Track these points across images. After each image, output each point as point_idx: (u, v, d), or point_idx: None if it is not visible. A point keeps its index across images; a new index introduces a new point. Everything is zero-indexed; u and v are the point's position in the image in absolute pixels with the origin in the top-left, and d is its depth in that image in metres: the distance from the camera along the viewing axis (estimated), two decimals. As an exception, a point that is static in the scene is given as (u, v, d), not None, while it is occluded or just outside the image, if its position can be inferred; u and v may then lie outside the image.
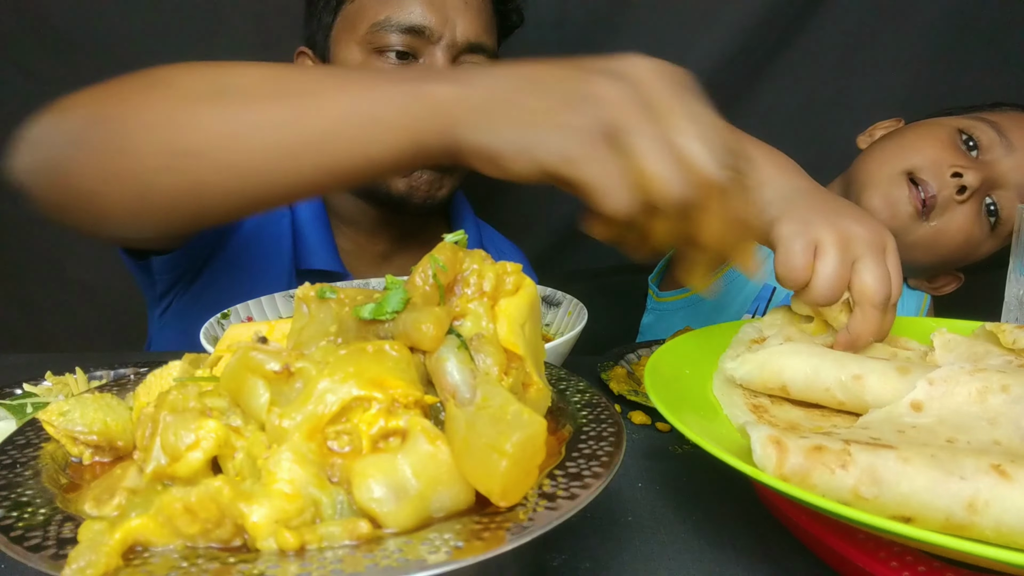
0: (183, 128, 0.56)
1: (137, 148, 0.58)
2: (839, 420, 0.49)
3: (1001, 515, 0.33)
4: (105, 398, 0.38)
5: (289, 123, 0.55)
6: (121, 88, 0.61)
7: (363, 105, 0.53)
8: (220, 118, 0.56)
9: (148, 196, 0.59)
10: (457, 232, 0.39)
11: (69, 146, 0.61)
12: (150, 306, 1.00)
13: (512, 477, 0.30)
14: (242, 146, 0.55)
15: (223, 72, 0.59)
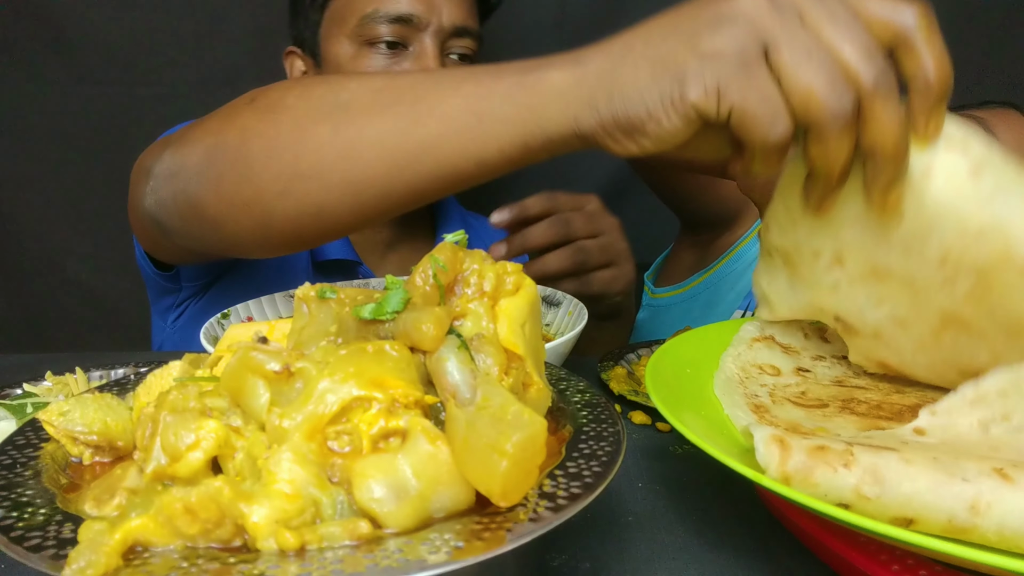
0: (300, 151, 0.57)
1: (258, 175, 0.59)
2: (841, 420, 0.49)
3: (1004, 517, 0.33)
4: (105, 398, 0.38)
5: (403, 131, 0.55)
6: (239, 114, 0.62)
7: (474, 103, 0.52)
8: (336, 136, 0.56)
9: (271, 222, 0.60)
10: (457, 232, 0.39)
11: (196, 178, 0.62)
12: (160, 313, 1.01)
13: (512, 477, 0.30)
14: (358, 161, 0.56)
15: (337, 88, 0.59)
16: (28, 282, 1.40)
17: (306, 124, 0.58)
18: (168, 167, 0.65)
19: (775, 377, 0.56)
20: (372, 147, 0.55)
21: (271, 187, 0.59)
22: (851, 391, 0.54)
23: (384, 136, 0.55)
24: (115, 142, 1.30)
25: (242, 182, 0.60)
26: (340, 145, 0.56)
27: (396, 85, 0.57)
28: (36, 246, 1.38)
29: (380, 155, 0.55)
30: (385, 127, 0.55)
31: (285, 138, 0.58)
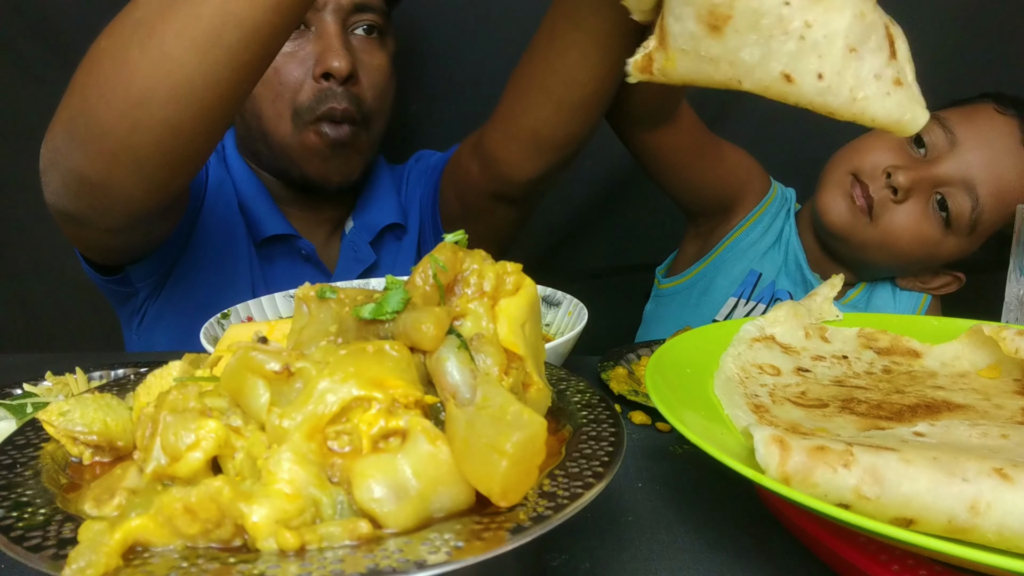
0: (125, 82, 0.62)
1: (106, 122, 0.63)
2: (841, 420, 0.49)
3: (1003, 518, 0.33)
4: (105, 398, 0.38)
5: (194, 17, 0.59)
6: (75, 80, 0.67)
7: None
8: (145, 52, 0.61)
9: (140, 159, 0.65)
10: (457, 232, 0.39)
11: (66, 154, 0.67)
12: (126, 323, 1.01)
13: (512, 477, 0.30)
14: (173, 63, 0.60)
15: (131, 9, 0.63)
16: (28, 282, 1.40)
17: (120, 56, 0.62)
18: (47, 159, 0.69)
19: (775, 377, 0.56)
20: (176, 44, 0.60)
21: (121, 127, 0.63)
22: (851, 391, 0.54)
23: (181, 29, 0.59)
24: (115, 142, 1.30)
25: (98, 137, 0.64)
26: (152, 58, 0.60)
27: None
28: (36, 246, 1.38)
29: (187, 47, 0.60)
30: (179, 22, 0.59)
31: (109, 78, 0.63)
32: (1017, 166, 0.93)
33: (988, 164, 0.92)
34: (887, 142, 0.98)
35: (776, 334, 0.62)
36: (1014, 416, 0.48)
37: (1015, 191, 0.93)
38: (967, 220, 0.94)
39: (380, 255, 1.07)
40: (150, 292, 0.96)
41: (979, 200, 0.92)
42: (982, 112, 0.95)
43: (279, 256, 1.03)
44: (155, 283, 0.95)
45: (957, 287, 1.06)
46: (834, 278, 0.69)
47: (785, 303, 0.65)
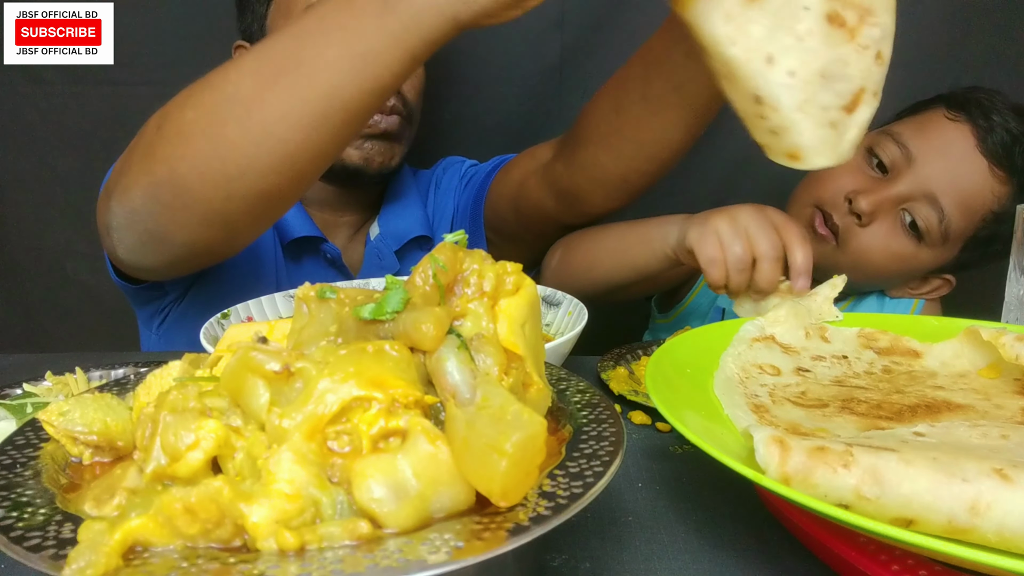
0: (222, 157, 0.60)
1: (199, 194, 0.62)
2: (841, 420, 0.49)
3: (1003, 518, 0.33)
4: (105, 398, 0.38)
5: (301, 98, 0.58)
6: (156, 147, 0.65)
7: (351, 46, 0.55)
8: (245, 131, 0.59)
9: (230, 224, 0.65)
10: (457, 232, 0.39)
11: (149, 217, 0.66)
12: (144, 321, 1.01)
13: (512, 477, 0.30)
14: (275, 141, 0.59)
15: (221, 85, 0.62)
16: (28, 282, 1.40)
17: (214, 131, 0.60)
18: (121, 219, 0.68)
19: (775, 377, 0.56)
20: (280, 123, 0.58)
21: (215, 197, 0.62)
22: (851, 391, 0.54)
23: (286, 110, 0.58)
24: (115, 142, 1.29)
25: (189, 205, 0.63)
26: (253, 135, 0.59)
27: (269, 58, 0.60)
28: (36, 246, 1.38)
29: (291, 127, 0.58)
30: (282, 102, 0.58)
31: (203, 152, 0.61)
32: (976, 171, 0.92)
33: (947, 174, 0.92)
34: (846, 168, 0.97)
35: (776, 334, 0.62)
36: (1014, 416, 0.48)
37: (978, 196, 0.92)
38: (937, 232, 0.93)
39: (403, 264, 1.07)
40: (178, 296, 0.96)
41: (944, 211, 0.92)
42: (933, 121, 0.95)
43: (305, 259, 1.03)
44: (185, 287, 0.95)
45: (948, 289, 1.06)
46: (835, 278, 0.69)
47: (786, 303, 0.65)
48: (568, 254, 1.01)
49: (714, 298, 1.12)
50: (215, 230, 0.66)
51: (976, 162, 0.92)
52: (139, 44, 1.25)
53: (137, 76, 1.28)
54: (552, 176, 0.94)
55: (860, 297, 1.08)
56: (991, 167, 0.91)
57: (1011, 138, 0.91)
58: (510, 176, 1.04)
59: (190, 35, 1.27)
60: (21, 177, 1.34)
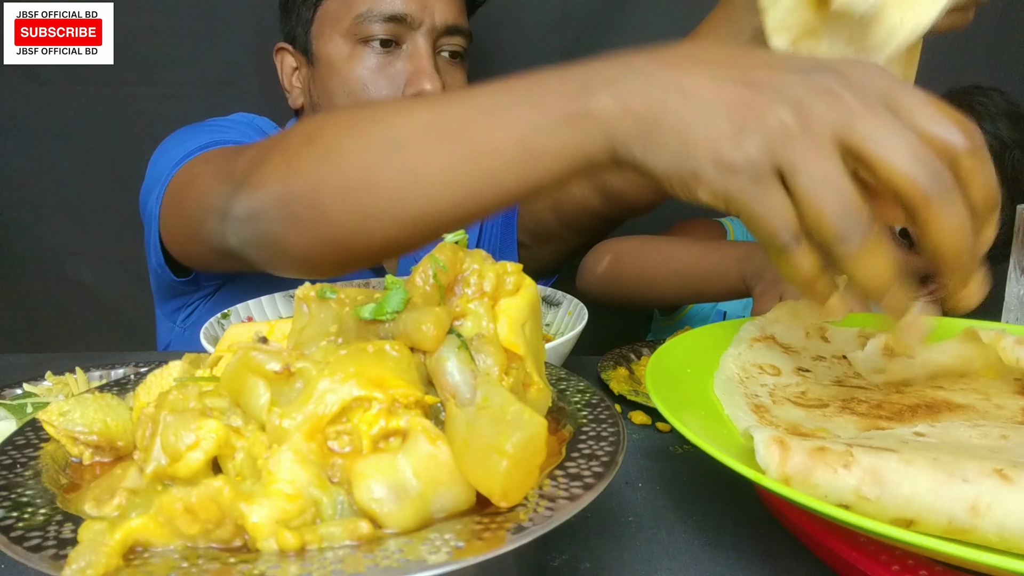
0: (368, 194, 0.60)
1: (333, 219, 0.62)
2: (841, 420, 0.49)
3: (1004, 519, 0.33)
4: (105, 398, 0.38)
5: (460, 170, 0.57)
6: (301, 159, 0.65)
7: (524, 137, 0.54)
8: (400, 178, 0.59)
9: (350, 256, 0.65)
10: (457, 232, 0.39)
11: (275, 223, 0.66)
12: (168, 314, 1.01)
13: (512, 477, 0.30)
14: (423, 199, 0.59)
15: (387, 124, 0.61)
16: (28, 282, 1.40)
17: (369, 167, 0.60)
18: (245, 211, 0.68)
19: (775, 377, 0.56)
20: (434, 185, 0.58)
21: (346, 228, 0.62)
22: (851, 391, 0.54)
23: (443, 174, 0.57)
24: (115, 142, 1.30)
25: (319, 225, 0.63)
26: (404, 186, 0.59)
27: (443, 119, 0.59)
28: (36, 246, 1.38)
29: (442, 192, 0.58)
30: (443, 165, 0.57)
31: (352, 183, 0.61)
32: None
33: None
34: None
35: (776, 334, 0.62)
36: (1014, 416, 0.48)
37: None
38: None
39: None
40: (211, 291, 0.96)
41: None
42: None
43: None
44: (219, 283, 0.96)
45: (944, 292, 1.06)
46: (837, 279, 0.69)
47: (786, 302, 0.65)
48: (622, 264, 1.01)
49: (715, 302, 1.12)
50: (333, 255, 0.66)
51: None
52: (139, 44, 1.25)
53: (137, 76, 1.28)
54: (600, 178, 0.94)
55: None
56: None
57: (1001, 146, 0.90)
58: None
59: (190, 35, 1.27)
60: (21, 177, 1.34)
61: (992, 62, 1.23)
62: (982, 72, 1.21)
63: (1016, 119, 0.92)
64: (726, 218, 1.18)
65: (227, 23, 1.27)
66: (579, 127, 0.51)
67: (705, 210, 0.85)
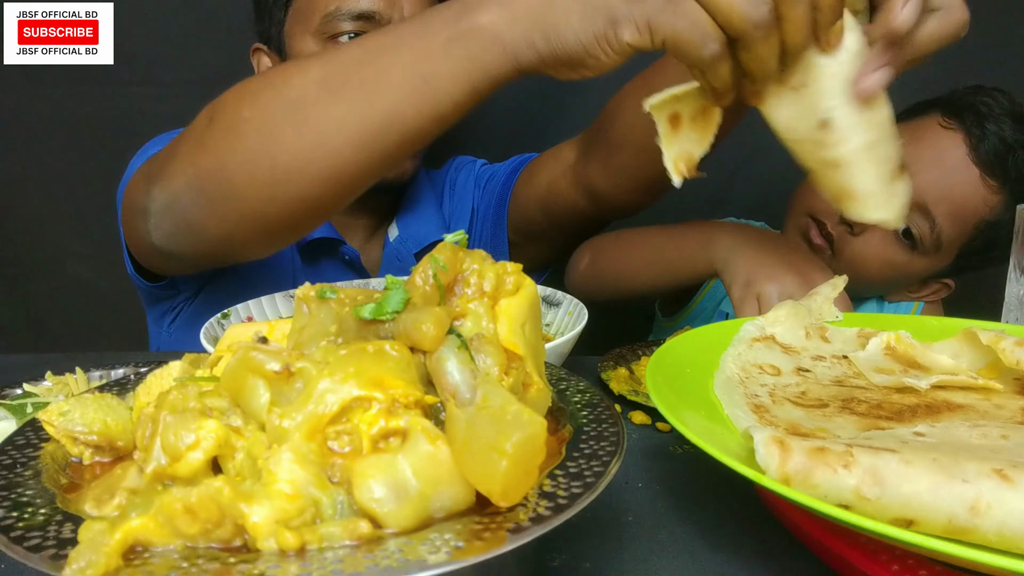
0: (273, 158, 0.60)
1: (243, 190, 0.62)
2: (841, 420, 0.49)
3: (1004, 519, 0.33)
4: (105, 398, 0.38)
5: (360, 112, 0.57)
6: (205, 138, 0.65)
7: (417, 66, 0.55)
8: (300, 136, 0.59)
9: (268, 226, 0.65)
10: (457, 232, 0.39)
11: (189, 207, 0.66)
12: (155, 320, 1.01)
13: (512, 477, 0.30)
14: (328, 151, 0.59)
15: (283, 87, 0.61)
16: (28, 282, 1.40)
17: (269, 132, 0.60)
18: (161, 203, 0.68)
19: (775, 377, 0.56)
20: (336, 135, 0.58)
21: (258, 196, 0.62)
22: (851, 391, 0.54)
23: (344, 122, 0.57)
24: (115, 142, 1.30)
25: (231, 200, 0.63)
26: (307, 142, 0.59)
27: (337, 69, 0.59)
28: (36, 246, 1.38)
29: (346, 140, 0.58)
30: (341, 113, 0.57)
31: (255, 151, 0.61)
32: (968, 181, 0.92)
33: (939, 184, 0.92)
34: None
35: (776, 334, 0.62)
36: (1014, 416, 0.48)
37: (970, 205, 0.92)
38: (929, 241, 0.93)
39: None
40: (191, 294, 0.96)
41: (936, 220, 0.92)
42: (927, 129, 0.94)
43: (322, 261, 1.03)
44: (198, 286, 0.96)
45: (947, 293, 1.06)
46: (836, 279, 0.69)
47: (786, 302, 0.65)
48: (598, 260, 1.01)
49: (718, 303, 1.12)
50: (252, 230, 0.66)
51: (968, 172, 0.91)
52: (139, 44, 1.25)
53: (137, 76, 1.28)
54: (586, 180, 0.94)
55: (858, 303, 1.08)
56: (983, 176, 0.91)
57: (1004, 147, 0.90)
58: (536, 179, 1.04)
59: (190, 35, 1.27)
60: (21, 177, 1.34)
61: (994, 62, 1.23)
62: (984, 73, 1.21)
63: (1020, 120, 0.92)
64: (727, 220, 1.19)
65: (226, 23, 1.27)
66: (469, 43, 0.51)
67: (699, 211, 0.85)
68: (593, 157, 0.93)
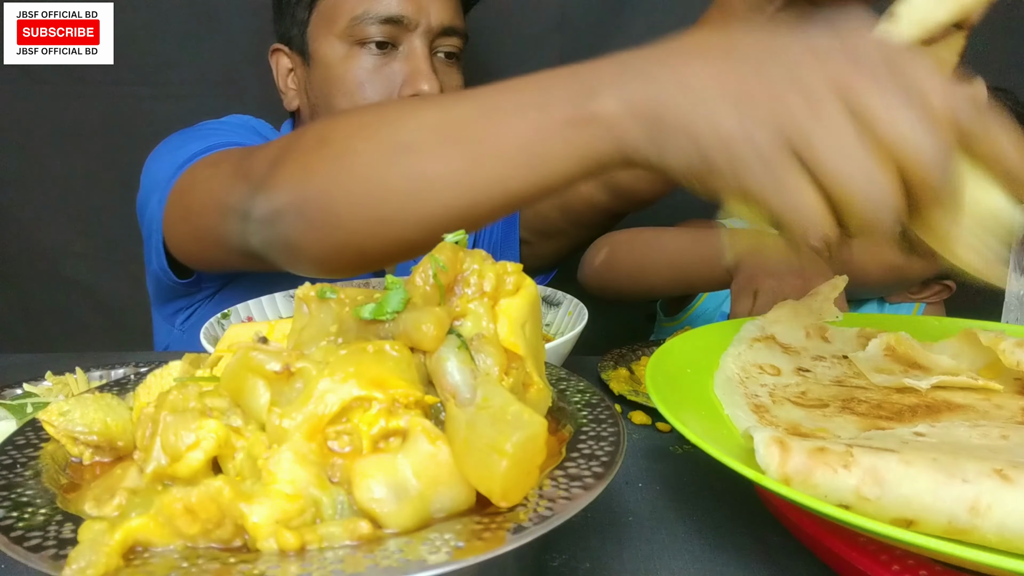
0: (379, 197, 0.60)
1: (346, 223, 0.62)
2: (841, 420, 0.49)
3: (1004, 519, 0.33)
4: (105, 398, 0.38)
5: (467, 172, 0.57)
6: (314, 162, 0.65)
7: (530, 142, 0.53)
8: (408, 181, 0.59)
9: (364, 259, 0.66)
10: (457, 232, 0.39)
11: (291, 226, 0.66)
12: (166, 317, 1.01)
13: (512, 477, 0.30)
14: (432, 201, 0.58)
15: (396, 126, 0.61)
16: (28, 282, 1.40)
17: (378, 169, 0.60)
18: (264, 213, 0.68)
19: (775, 377, 0.56)
20: (442, 187, 0.58)
21: (359, 232, 0.62)
22: (851, 391, 0.54)
23: (451, 176, 0.57)
24: (115, 142, 1.30)
25: (332, 230, 0.63)
26: (413, 188, 0.59)
27: (452, 120, 0.59)
28: (36, 246, 1.38)
29: (452, 195, 0.57)
30: (451, 168, 0.57)
31: (363, 186, 0.61)
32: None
33: None
34: None
35: (776, 334, 0.62)
36: (1014, 416, 0.48)
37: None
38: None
39: None
40: (211, 293, 0.96)
41: None
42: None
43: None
44: (220, 284, 0.95)
45: (948, 294, 1.06)
46: (836, 279, 0.69)
47: (786, 302, 0.65)
48: (616, 257, 1.02)
49: (720, 303, 1.12)
50: (348, 259, 0.66)
51: None
52: (139, 44, 1.25)
53: (137, 76, 1.28)
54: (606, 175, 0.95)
55: (859, 304, 1.08)
56: None
57: None
58: None
59: (190, 35, 1.27)
60: (20, 177, 1.34)
61: (992, 63, 1.23)
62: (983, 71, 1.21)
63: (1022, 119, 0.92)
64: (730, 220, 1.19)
65: (227, 23, 1.27)
66: (585, 130, 0.50)
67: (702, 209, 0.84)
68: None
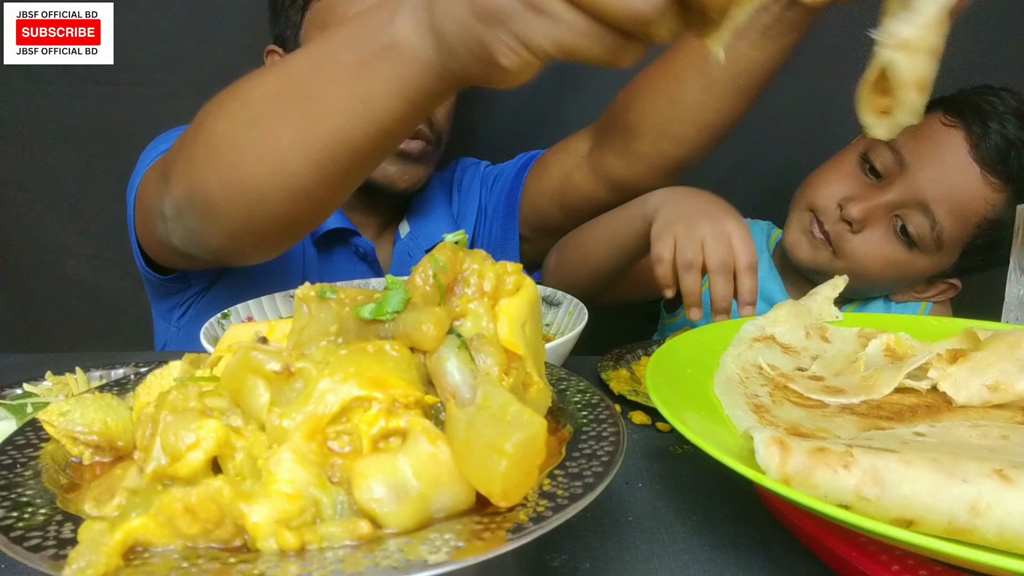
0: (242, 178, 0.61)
1: (224, 210, 0.63)
2: (841, 420, 0.49)
3: (1004, 519, 0.33)
4: (105, 398, 0.38)
5: (309, 136, 0.57)
6: (190, 148, 0.65)
7: (351, 88, 0.54)
8: (262, 157, 0.59)
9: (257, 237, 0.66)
10: (457, 232, 0.39)
11: (191, 220, 0.68)
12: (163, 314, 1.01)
13: (512, 477, 0.30)
14: (284, 173, 0.59)
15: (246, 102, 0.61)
16: (28, 282, 1.40)
17: (236, 151, 0.60)
18: (171, 210, 0.69)
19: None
20: (293, 156, 0.58)
21: (238, 215, 0.63)
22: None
23: (296, 143, 0.57)
24: (115, 142, 1.30)
25: (217, 216, 0.64)
26: (268, 162, 0.59)
27: (285, 84, 0.59)
28: (36, 246, 1.38)
29: (303, 160, 0.58)
30: (293, 134, 0.57)
31: (227, 173, 0.61)
32: (969, 179, 0.91)
33: (939, 182, 0.91)
34: (840, 173, 0.98)
35: (776, 334, 0.62)
36: (1014, 416, 0.48)
37: (971, 203, 0.92)
38: (930, 239, 0.93)
39: None
40: (202, 288, 0.96)
41: (936, 218, 0.92)
42: (928, 127, 0.94)
43: (336, 251, 1.03)
44: (209, 280, 0.95)
45: (954, 293, 1.06)
46: (836, 279, 0.69)
47: (786, 303, 0.65)
48: (563, 253, 1.02)
49: None
50: (244, 242, 0.67)
51: (969, 169, 0.91)
52: (139, 44, 1.25)
53: (137, 76, 1.28)
54: (604, 170, 0.95)
55: (865, 302, 1.08)
56: (984, 174, 0.91)
57: (1006, 144, 0.90)
58: (548, 173, 1.04)
59: (190, 35, 1.27)
60: (20, 177, 1.34)
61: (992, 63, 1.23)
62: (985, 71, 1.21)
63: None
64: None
65: (226, 23, 1.27)
66: (394, 61, 0.49)
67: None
68: (610, 146, 0.94)
